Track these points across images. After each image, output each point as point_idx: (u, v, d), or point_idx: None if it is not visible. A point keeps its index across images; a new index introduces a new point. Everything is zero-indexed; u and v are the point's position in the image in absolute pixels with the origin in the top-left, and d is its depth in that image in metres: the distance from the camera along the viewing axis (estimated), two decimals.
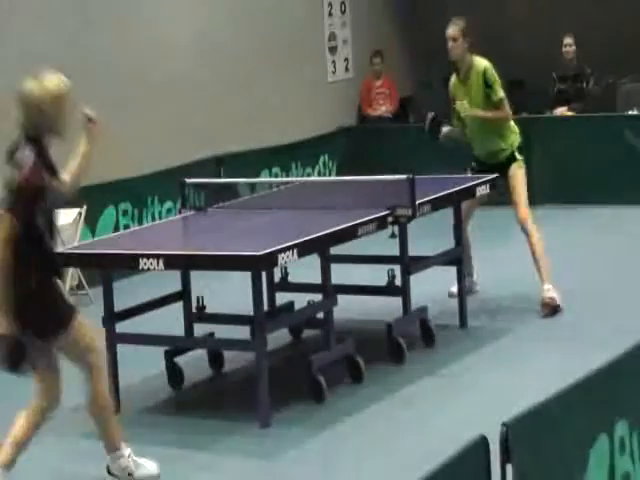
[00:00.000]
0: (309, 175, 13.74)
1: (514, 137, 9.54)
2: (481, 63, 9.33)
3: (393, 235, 7.98)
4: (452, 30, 9.27)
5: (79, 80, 11.85)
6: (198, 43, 13.51)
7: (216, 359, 8.15)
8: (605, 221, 12.14)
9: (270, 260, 6.82)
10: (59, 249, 8.35)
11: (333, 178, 13.37)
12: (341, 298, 7.72)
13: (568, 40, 13.98)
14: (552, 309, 8.98)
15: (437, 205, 8.34)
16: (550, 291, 9.10)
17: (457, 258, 8.77)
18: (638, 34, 15.29)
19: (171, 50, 13.10)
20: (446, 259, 8.84)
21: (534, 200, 13.07)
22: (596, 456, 4.42)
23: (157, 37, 12.98)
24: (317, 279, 7.67)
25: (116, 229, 11.08)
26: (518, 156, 9.49)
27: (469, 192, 8.72)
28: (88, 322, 6.13)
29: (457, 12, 15.56)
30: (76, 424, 6.86)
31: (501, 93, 9.33)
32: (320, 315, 7.74)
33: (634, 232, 11.60)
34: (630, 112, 13.44)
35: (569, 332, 8.34)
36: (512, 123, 9.62)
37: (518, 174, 9.44)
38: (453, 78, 9.57)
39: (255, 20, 14.22)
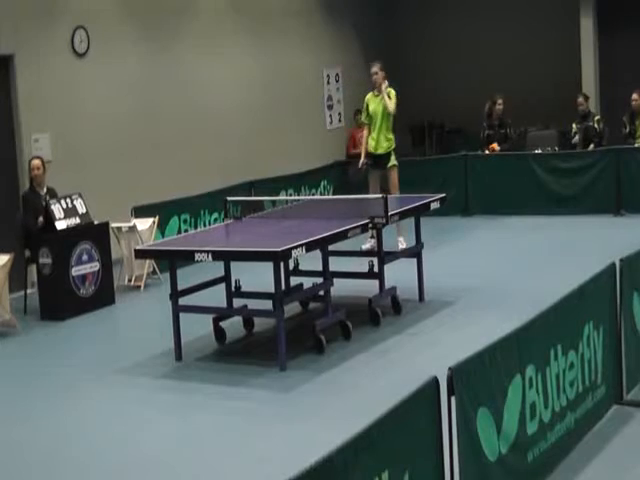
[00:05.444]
0: (313, 194, 13.69)
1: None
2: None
3: (372, 236, 7.96)
4: (375, 68, 10.57)
5: (151, 127, 11.96)
6: (237, 103, 13.53)
7: (248, 323, 8.15)
8: (518, 225, 12.11)
9: (286, 254, 6.81)
10: (139, 246, 8.38)
11: (330, 197, 13.34)
12: (336, 281, 7.71)
13: (500, 100, 13.79)
14: None
15: (403, 215, 8.31)
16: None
17: (417, 252, 8.73)
18: (540, 98, 15.36)
19: (218, 108, 13.11)
20: (409, 253, 8.82)
21: (471, 212, 13.12)
22: (513, 390, 4.42)
23: (208, 98, 12.98)
24: (319, 267, 7.65)
25: (179, 232, 11.05)
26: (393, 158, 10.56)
27: (425, 206, 8.63)
28: None
29: (421, 83, 15.48)
30: None
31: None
32: (321, 292, 7.72)
33: (537, 232, 11.57)
34: (535, 151, 13.44)
35: (496, 302, 8.31)
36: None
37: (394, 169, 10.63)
38: (370, 94, 10.64)
39: (277, 87, 14.28)
